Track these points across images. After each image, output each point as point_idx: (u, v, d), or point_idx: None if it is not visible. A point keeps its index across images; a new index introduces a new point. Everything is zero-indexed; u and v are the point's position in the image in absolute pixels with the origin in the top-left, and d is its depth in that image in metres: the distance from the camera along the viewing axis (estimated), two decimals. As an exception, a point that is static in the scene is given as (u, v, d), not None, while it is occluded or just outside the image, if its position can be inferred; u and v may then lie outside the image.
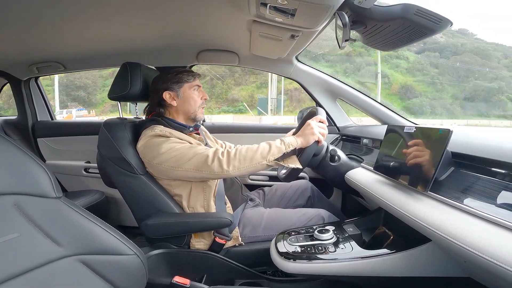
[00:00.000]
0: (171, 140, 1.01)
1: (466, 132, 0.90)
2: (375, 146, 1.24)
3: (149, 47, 1.53)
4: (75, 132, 1.90)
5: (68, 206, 0.57)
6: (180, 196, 1.07)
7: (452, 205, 0.62)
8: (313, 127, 0.99)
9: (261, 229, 1.10)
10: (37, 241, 0.50)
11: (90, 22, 1.16)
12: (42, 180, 0.55)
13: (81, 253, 0.54)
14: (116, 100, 1.20)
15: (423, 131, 0.76)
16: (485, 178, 0.64)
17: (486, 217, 0.53)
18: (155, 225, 1.02)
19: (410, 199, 0.72)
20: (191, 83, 1.12)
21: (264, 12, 0.89)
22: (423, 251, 0.74)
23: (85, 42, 1.43)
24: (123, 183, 1.06)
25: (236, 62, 1.61)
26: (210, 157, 0.95)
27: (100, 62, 1.74)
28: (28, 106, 1.93)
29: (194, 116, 1.14)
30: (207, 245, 1.06)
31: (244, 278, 1.06)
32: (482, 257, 0.48)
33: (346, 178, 1.13)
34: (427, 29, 0.72)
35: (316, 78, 1.61)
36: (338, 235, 0.95)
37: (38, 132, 1.93)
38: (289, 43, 1.17)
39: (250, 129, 1.78)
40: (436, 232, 0.58)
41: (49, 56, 1.64)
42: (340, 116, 1.66)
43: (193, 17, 1.15)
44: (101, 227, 0.59)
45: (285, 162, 0.98)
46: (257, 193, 1.39)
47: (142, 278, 0.64)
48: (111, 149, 1.06)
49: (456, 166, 0.73)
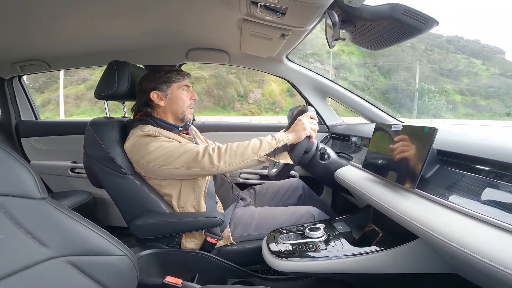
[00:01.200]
0: (160, 139, 0.99)
1: (451, 130, 0.92)
2: (364, 144, 1.26)
3: (137, 45, 1.50)
4: (61, 132, 1.85)
5: (53, 207, 0.55)
6: (170, 195, 1.06)
7: (438, 202, 0.63)
8: (304, 122, 1.00)
9: (253, 228, 1.10)
10: (23, 243, 0.49)
11: (77, 19, 1.13)
12: (26, 180, 0.53)
13: (68, 254, 0.53)
14: (103, 99, 1.18)
15: (410, 129, 0.77)
16: (470, 175, 0.66)
17: (471, 214, 0.54)
18: (145, 225, 1.01)
19: (398, 196, 0.74)
20: (179, 83, 1.10)
21: (255, 11, 0.89)
22: (411, 248, 0.75)
23: (71, 40, 1.40)
24: (111, 183, 1.04)
25: (227, 61, 1.60)
26: (201, 153, 0.94)
27: (87, 61, 1.70)
28: (12, 106, 1.87)
29: (182, 117, 1.12)
30: (198, 245, 1.06)
31: (236, 277, 1.06)
32: (467, 253, 0.49)
33: (335, 176, 1.14)
34: (414, 28, 0.73)
35: (306, 76, 1.62)
36: (329, 233, 0.96)
37: (22, 132, 1.88)
38: (280, 42, 1.17)
39: (241, 127, 1.78)
40: (422, 228, 0.59)
41: (33, 55, 1.59)
42: (330, 114, 1.68)
43: (182, 15, 1.13)
44: (88, 227, 0.58)
45: (276, 158, 0.98)
46: (248, 192, 1.39)
47: (133, 278, 0.63)
48: (97, 149, 1.03)
49: (442, 163, 0.75)
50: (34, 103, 2.00)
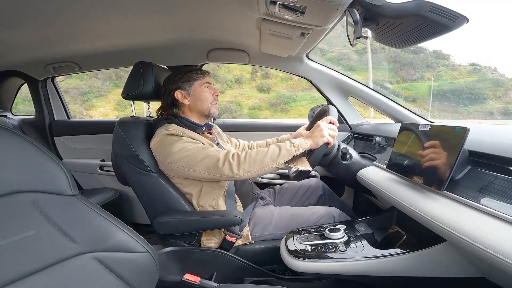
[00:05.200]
0: (183, 139, 1.02)
1: (484, 129, 0.87)
2: (388, 145, 1.21)
3: (160, 46, 1.55)
4: (91, 131, 1.95)
5: (84, 204, 0.58)
6: (190, 194, 1.08)
7: (468, 205, 0.60)
8: (323, 128, 0.99)
9: (271, 227, 1.10)
10: (54, 239, 0.51)
11: (104, 22, 1.19)
12: (59, 178, 0.56)
13: (95, 250, 0.55)
14: (129, 99, 1.23)
15: (439, 129, 0.74)
16: (503, 177, 0.62)
17: (503, 217, 0.51)
18: (168, 222, 1.04)
19: (425, 198, 0.71)
20: (201, 80, 1.14)
21: (274, 10, 0.89)
22: (437, 251, 0.72)
23: (99, 43, 1.47)
24: (137, 181, 1.08)
25: (246, 61, 1.61)
26: (221, 160, 0.96)
27: (114, 62, 1.78)
28: (45, 106, 1.99)
29: (208, 113, 1.15)
30: (217, 243, 1.08)
31: (253, 277, 1.07)
32: (498, 257, 0.47)
33: (358, 177, 1.11)
34: (442, 26, 0.70)
35: (327, 75, 1.59)
36: (349, 234, 0.94)
37: (55, 131, 1.99)
38: (299, 41, 1.16)
39: (262, 126, 1.78)
40: (451, 231, 0.57)
41: (64, 56, 1.69)
42: (352, 114, 1.64)
43: (202, 16, 1.16)
44: (115, 224, 0.60)
45: (294, 164, 0.98)
46: (267, 192, 1.40)
47: (153, 275, 0.65)
48: (125, 147, 1.08)
49: (473, 165, 0.71)
50: (66, 103, 2.13)
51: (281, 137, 1.37)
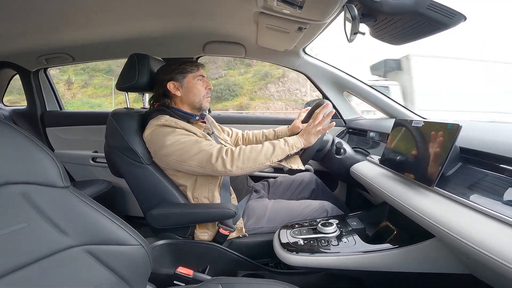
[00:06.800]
0: (177, 131, 1.01)
1: (475, 126, 0.88)
2: (382, 140, 1.23)
3: (156, 38, 1.53)
4: (83, 122, 1.92)
5: (75, 196, 0.57)
6: (185, 186, 1.08)
7: (457, 201, 0.61)
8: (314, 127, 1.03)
9: (265, 220, 1.11)
10: (45, 231, 0.50)
11: (98, 12, 1.16)
12: (50, 169, 0.55)
13: (87, 243, 0.54)
14: (124, 90, 1.21)
15: (432, 125, 0.75)
16: (493, 174, 0.63)
17: (492, 214, 0.52)
18: (161, 215, 1.03)
19: (416, 194, 0.72)
20: (194, 73, 1.13)
21: (272, 4, 0.88)
22: (426, 246, 0.74)
23: (93, 33, 1.44)
24: (130, 172, 1.08)
25: (243, 54, 1.60)
26: (214, 156, 0.96)
27: (108, 53, 1.75)
28: (37, 97, 1.95)
29: (199, 106, 1.14)
30: (211, 236, 1.08)
31: (246, 270, 1.08)
32: (484, 253, 0.48)
33: (351, 171, 1.12)
34: (440, 23, 0.71)
35: (323, 70, 1.59)
36: (342, 229, 0.96)
37: (47, 122, 1.96)
38: (297, 35, 1.15)
39: (255, 120, 1.78)
40: (440, 227, 0.58)
41: (57, 48, 1.65)
42: (347, 109, 1.65)
43: (199, 8, 1.14)
44: (107, 217, 0.60)
45: (287, 162, 1.01)
46: (262, 184, 1.40)
47: (146, 268, 0.64)
48: (118, 138, 1.07)
49: (464, 161, 0.72)
50: (59, 94, 2.09)
51: (278, 129, 1.37)
